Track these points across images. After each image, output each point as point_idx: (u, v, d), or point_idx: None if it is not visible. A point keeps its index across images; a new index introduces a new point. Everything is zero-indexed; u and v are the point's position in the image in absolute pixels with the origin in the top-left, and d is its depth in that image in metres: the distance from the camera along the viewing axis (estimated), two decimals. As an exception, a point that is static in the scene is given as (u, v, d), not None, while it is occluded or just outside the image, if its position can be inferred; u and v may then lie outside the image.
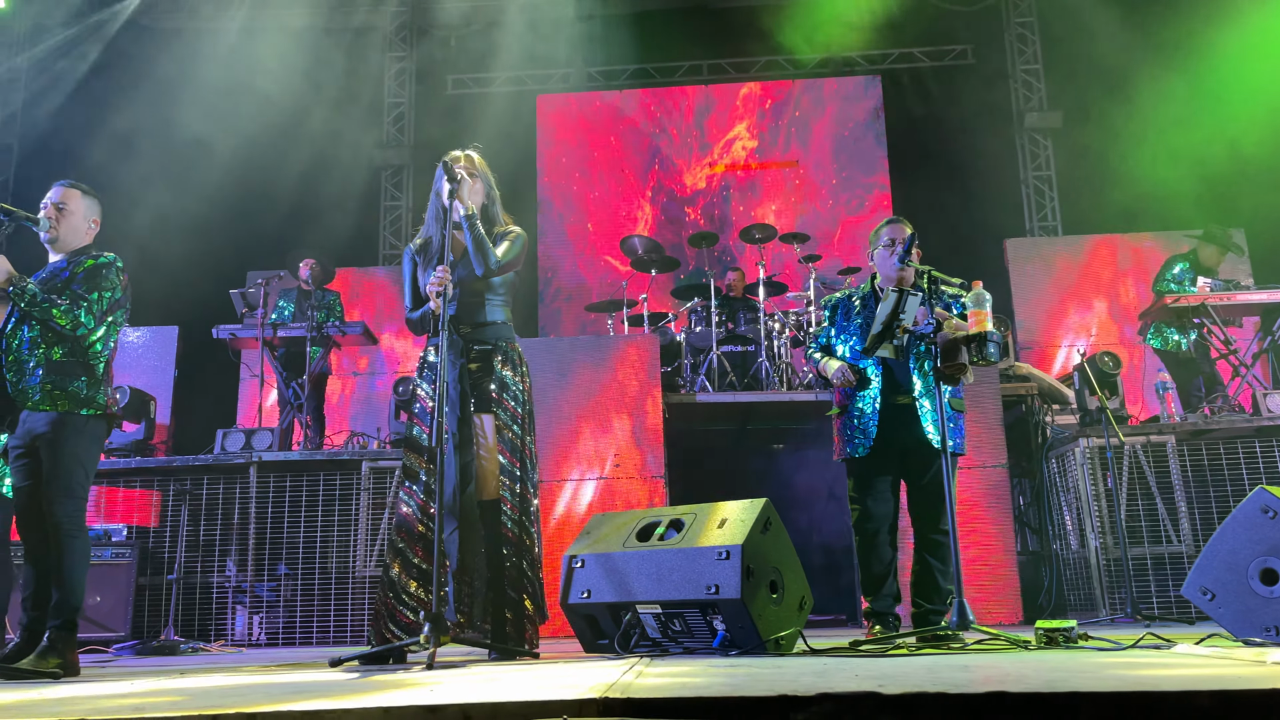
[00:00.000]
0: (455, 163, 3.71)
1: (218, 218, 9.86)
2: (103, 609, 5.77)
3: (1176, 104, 9.23)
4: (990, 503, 6.19)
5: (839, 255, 10.06)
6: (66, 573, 3.53)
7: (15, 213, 3.55)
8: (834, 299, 4.43)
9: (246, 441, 6.44)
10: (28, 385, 3.52)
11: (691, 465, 7.91)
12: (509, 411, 3.74)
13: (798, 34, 10.72)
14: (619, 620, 3.32)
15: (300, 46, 10.68)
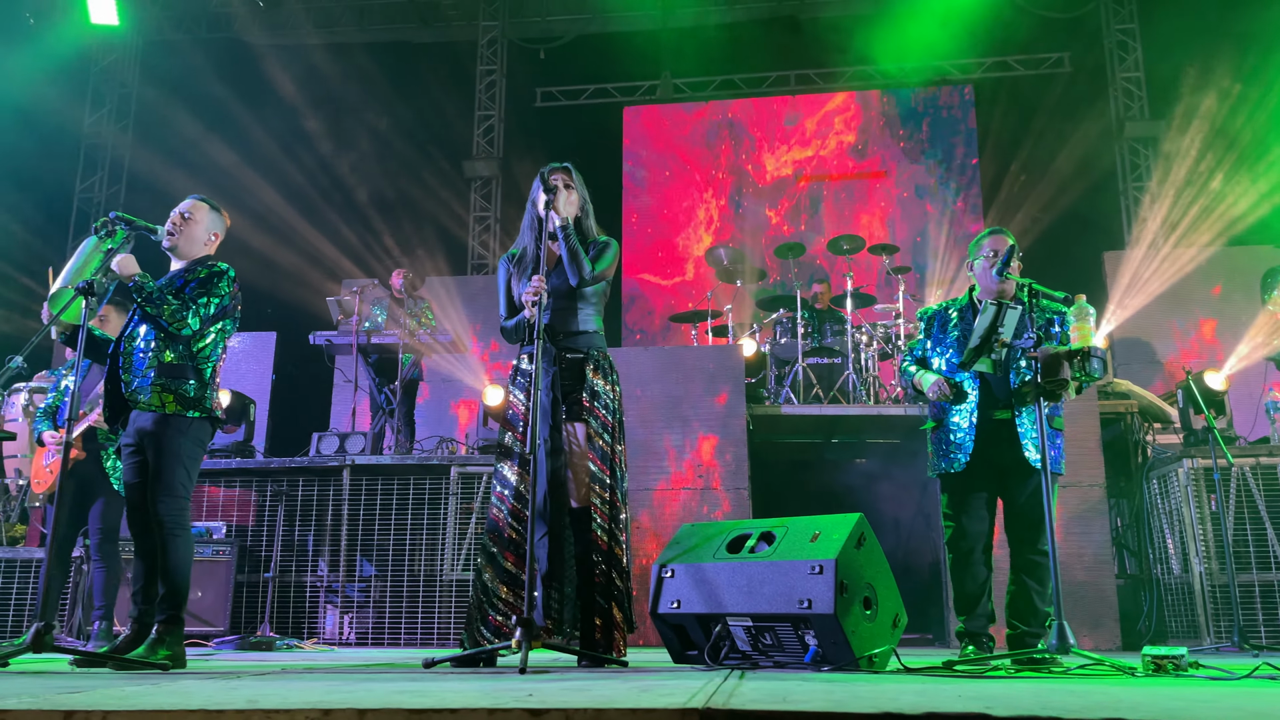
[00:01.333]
0: (552, 174, 3.76)
1: (313, 227, 10.18)
2: (204, 604, 5.97)
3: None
4: (1086, 523, 6.00)
5: (929, 267, 9.89)
6: (171, 569, 3.67)
7: (135, 221, 3.71)
8: (930, 310, 4.35)
9: (340, 445, 6.62)
10: (141, 386, 3.67)
11: (774, 477, 7.85)
12: (600, 419, 3.77)
13: (886, 43, 10.60)
14: (709, 631, 3.31)
15: (396, 60, 10.97)
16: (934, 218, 10.51)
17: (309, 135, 10.82)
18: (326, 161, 10.76)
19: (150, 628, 3.64)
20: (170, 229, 3.81)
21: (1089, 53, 10.70)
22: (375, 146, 10.74)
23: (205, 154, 10.81)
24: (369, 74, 11.03)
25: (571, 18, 11.46)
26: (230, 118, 10.99)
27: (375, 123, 10.72)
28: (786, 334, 7.77)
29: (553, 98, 11.60)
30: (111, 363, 3.74)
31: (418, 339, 7.37)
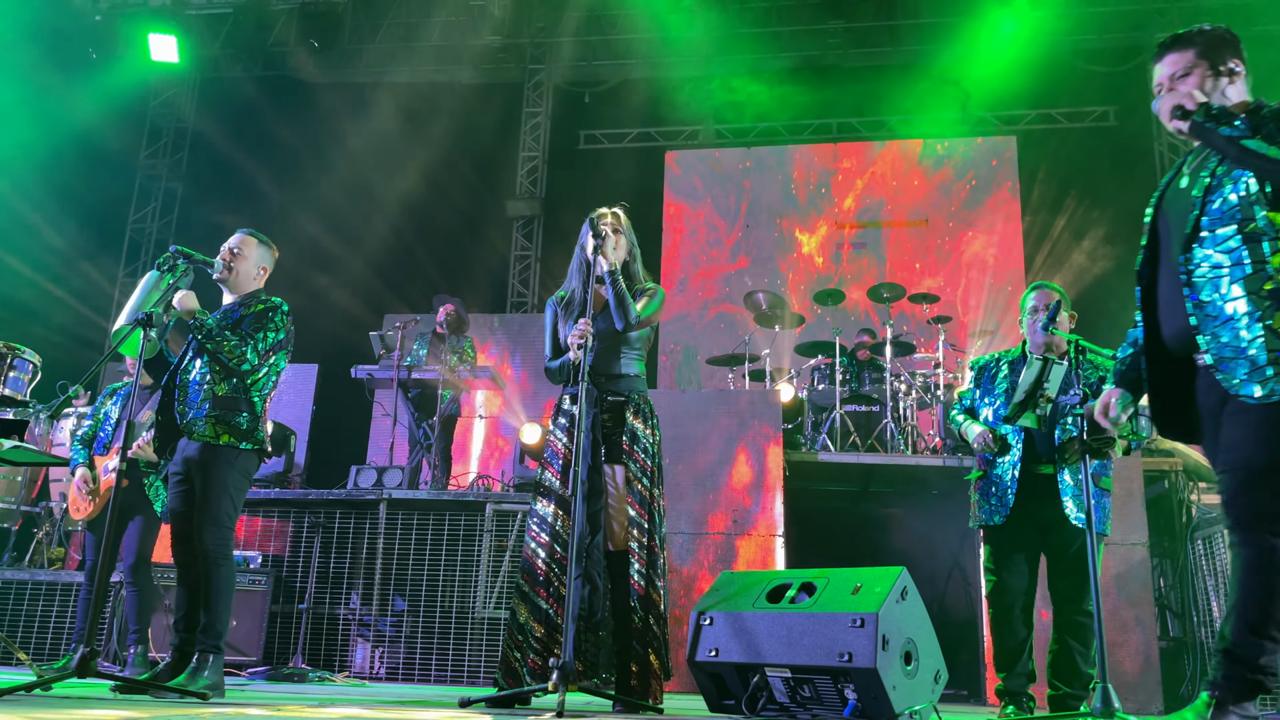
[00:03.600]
0: (601, 219, 3.81)
1: (358, 262, 10.35)
2: (238, 633, 6.01)
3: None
4: (1129, 583, 5.89)
5: (971, 317, 9.84)
6: (212, 598, 3.71)
7: (193, 255, 3.81)
8: (981, 361, 4.34)
9: (378, 478, 6.67)
10: (195, 417, 3.74)
11: (810, 524, 7.79)
12: (639, 463, 3.78)
13: (930, 93, 10.65)
14: (746, 682, 3.28)
15: (444, 100, 11.19)
16: (975, 268, 10.47)
17: (357, 171, 11.03)
18: (373, 197, 10.96)
19: (190, 656, 3.67)
20: (221, 264, 3.91)
21: (1135, 106, 10.66)
22: (421, 184, 10.92)
23: (256, 188, 11.05)
24: (418, 113, 11.25)
25: (617, 63, 11.64)
26: (281, 153, 11.25)
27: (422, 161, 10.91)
28: (824, 380, 7.75)
29: (595, 140, 11.75)
30: (165, 394, 3.82)
31: (457, 375, 7.44)
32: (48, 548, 6.94)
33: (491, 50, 11.60)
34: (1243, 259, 2.41)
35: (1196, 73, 2.59)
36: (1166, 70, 2.65)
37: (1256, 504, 2.31)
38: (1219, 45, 2.64)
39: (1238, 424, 2.38)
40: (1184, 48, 2.64)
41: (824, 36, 11.13)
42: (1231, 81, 2.61)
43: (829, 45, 11.14)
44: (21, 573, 6.36)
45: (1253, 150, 2.34)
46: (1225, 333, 2.41)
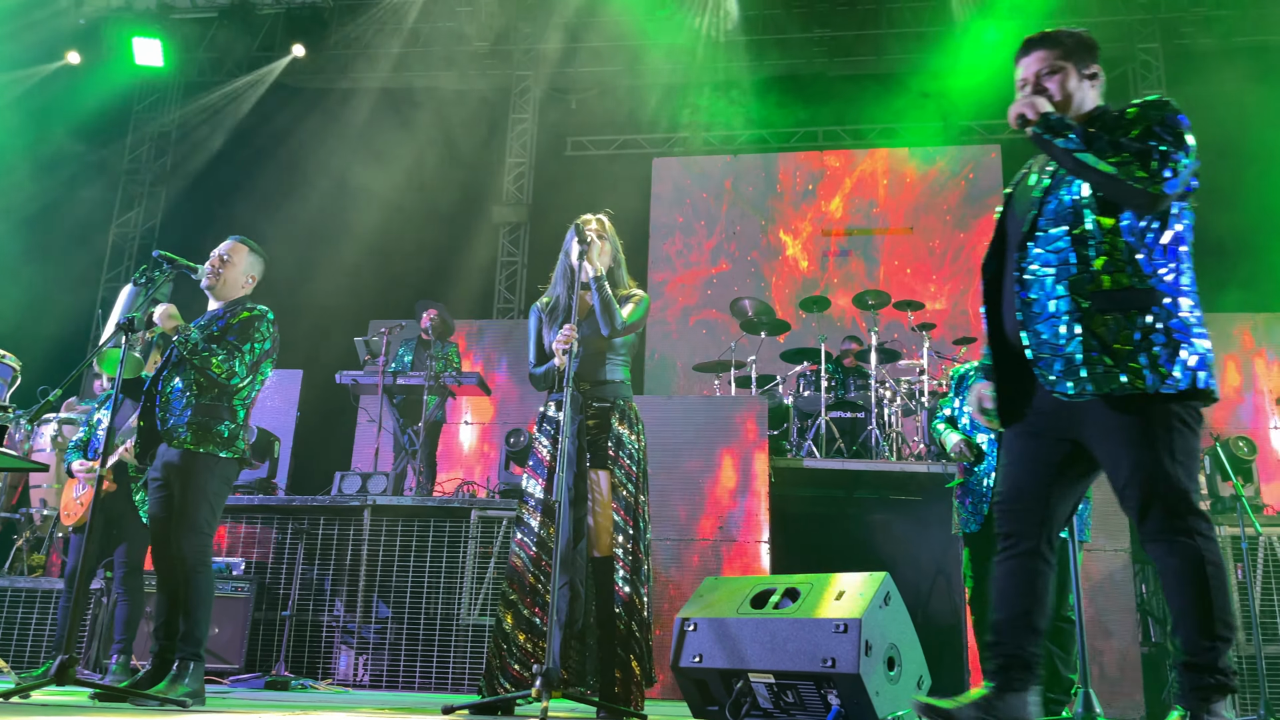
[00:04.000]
0: (586, 225, 3.81)
1: (343, 268, 10.32)
2: (220, 640, 5.97)
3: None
4: (1111, 589, 5.93)
5: (954, 323, 9.89)
6: (192, 605, 3.68)
7: (177, 261, 3.78)
8: (960, 370, 4.37)
9: (362, 485, 6.64)
10: (177, 424, 3.72)
11: (795, 531, 7.80)
12: (624, 469, 3.78)
13: (915, 102, 10.71)
14: (730, 687, 3.28)
15: (431, 106, 11.19)
16: (960, 276, 10.53)
17: (342, 176, 11.01)
18: (358, 202, 10.94)
19: (170, 664, 3.64)
20: (210, 270, 3.89)
21: (1116, 117, 10.75)
22: (407, 189, 10.90)
23: (240, 192, 11.01)
24: (404, 118, 11.24)
25: (604, 69, 11.66)
26: (266, 157, 11.21)
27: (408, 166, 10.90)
28: (810, 386, 7.77)
29: (582, 147, 11.76)
30: (147, 399, 3.80)
31: (442, 381, 7.42)
32: (27, 554, 6.88)
33: (478, 56, 11.60)
34: (1069, 260, 2.46)
35: (1063, 73, 2.66)
36: (1033, 67, 2.70)
37: (1167, 511, 2.33)
38: (1084, 48, 2.71)
39: (1110, 439, 2.41)
40: (1052, 46, 2.70)
41: (808, 45, 11.19)
42: (1093, 85, 2.69)
43: (813, 54, 11.20)
44: (0, 580, 6.31)
45: (1086, 163, 2.43)
46: (1046, 330, 2.46)
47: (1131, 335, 2.37)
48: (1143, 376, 2.34)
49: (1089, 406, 2.40)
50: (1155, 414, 2.34)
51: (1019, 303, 2.52)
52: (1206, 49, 10.61)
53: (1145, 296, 2.41)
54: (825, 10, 10.97)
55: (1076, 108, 2.65)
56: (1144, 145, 2.41)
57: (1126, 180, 2.39)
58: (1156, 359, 2.35)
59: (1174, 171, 2.40)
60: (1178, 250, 2.51)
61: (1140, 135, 2.46)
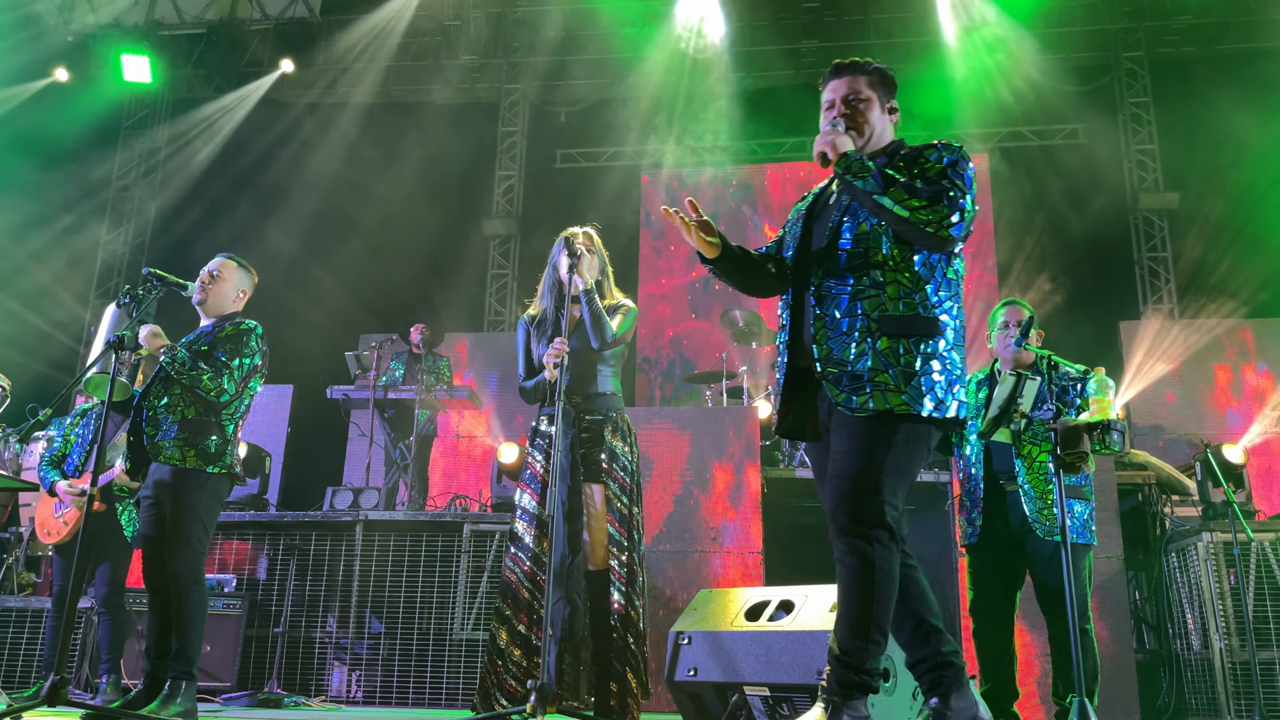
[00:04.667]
0: (575, 239, 3.82)
1: (333, 282, 10.30)
2: (212, 658, 5.93)
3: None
4: (1104, 596, 5.93)
5: (943, 333, 9.92)
6: (184, 623, 3.67)
7: (166, 278, 3.78)
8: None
9: (354, 500, 6.61)
10: (164, 440, 3.71)
11: (788, 541, 7.78)
12: (618, 482, 3.78)
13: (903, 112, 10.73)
14: (725, 701, 3.28)
15: (420, 120, 11.20)
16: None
17: (332, 191, 11.00)
18: (348, 217, 10.93)
19: (163, 683, 3.63)
20: (200, 286, 3.89)
21: (1103, 125, 10.83)
22: (397, 203, 10.90)
23: (229, 208, 11.00)
24: (394, 133, 11.25)
25: (593, 82, 11.69)
26: (255, 173, 11.20)
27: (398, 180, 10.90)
28: (801, 397, 7.76)
29: (572, 159, 11.78)
30: (135, 415, 3.79)
31: (434, 394, 7.41)
32: (17, 573, 6.83)
33: (468, 70, 11.62)
34: (864, 282, 2.56)
35: (868, 102, 2.77)
36: (840, 91, 2.79)
37: (854, 512, 2.45)
38: (888, 82, 2.83)
39: (840, 435, 2.54)
40: (859, 74, 2.79)
41: (796, 57, 11.24)
42: (891, 119, 2.82)
43: (801, 65, 11.25)
44: (-10, 599, 6.26)
45: (884, 205, 2.53)
46: (837, 347, 2.55)
47: (914, 360, 2.50)
48: (920, 400, 2.47)
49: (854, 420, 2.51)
50: (899, 430, 2.48)
51: (813, 317, 2.62)
52: (1191, 56, 10.70)
53: (929, 325, 2.54)
54: (812, 22, 11.01)
55: (877, 139, 2.76)
56: (937, 190, 2.52)
57: (921, 225, 2.49)
58: (935, 384, 2.49)
59: (962, 216, 2.53)
60: (956, 284, 2.65)
61: (935, 177, 2.56)
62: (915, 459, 2.52)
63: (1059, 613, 3.85)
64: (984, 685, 3.97)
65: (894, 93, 2.84)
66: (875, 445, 2.46)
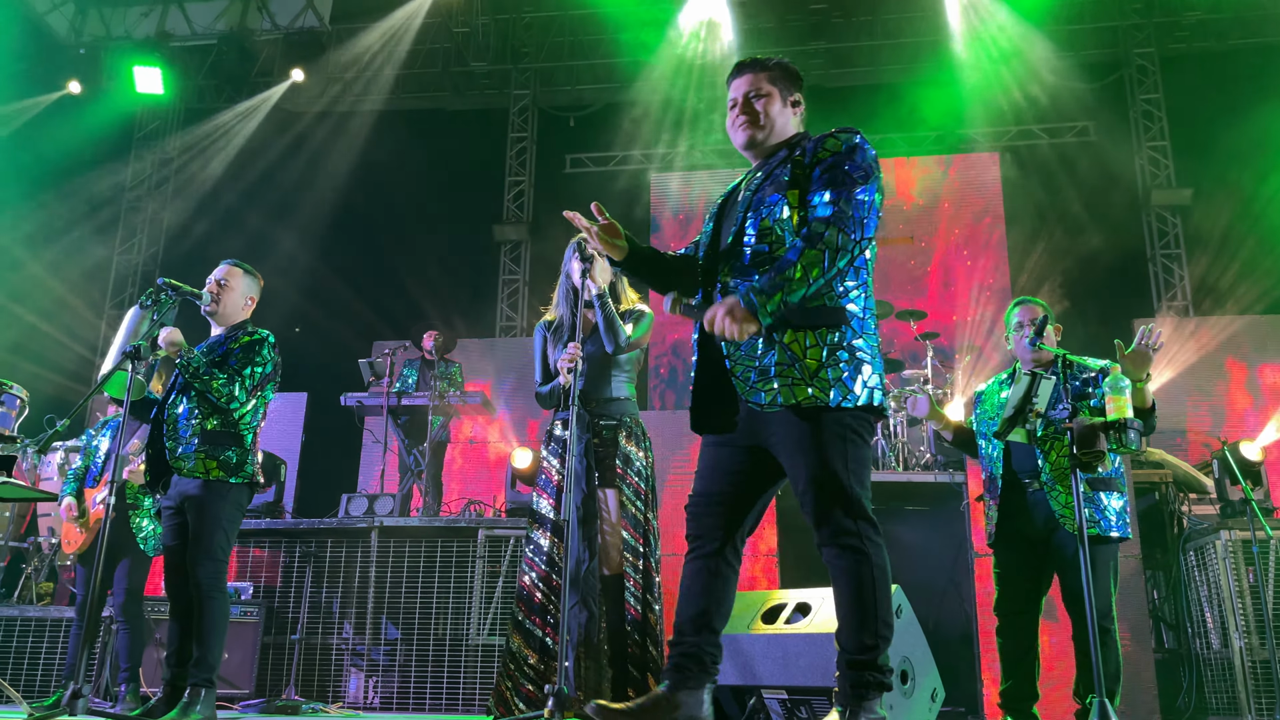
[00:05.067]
0: (586, 243, 3.83)
1: (345, 290, 10.34)
2: (230, 665, 5.95)
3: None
4: (1122, 595, 5.89)
5: (958, 332, 9.89)
6: (205, 631, 3.69)
7: (181, 288, 3.81)
8: (980, 390, 4.39)
9: (369, 506, 6.63)
10: (184, 453, 3.73)
11: (804, 544, 7.74)
12: (632, 486, 3.78)
13: (911, 111, 10.74)
14: (743, 704, 3.27)
15: (430, 127, 11.24)
16: (961, 284, 10.54)
17: (343, 198, 11.05)
18: (360, 224, 10.97)
19: (182, 690, 3.65)
20: (210, 297, 3.91)
21: (1114, 121, 10.79)
22: (408, 210, 10.94)
23: (242, 217, 11.05)
24: (403, 140, 11.29)
25: (601, 86, 11.71)
26: (266, 182, 11.26)
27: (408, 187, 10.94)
28: (814, 399, 7.75)
29: (581, 164, 11.79)
30: (154, 428, 3.81)
31: (447, 401, 7.43)
32: (36, 583, 6.88)
33: (476, 76, 11.66)
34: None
35: (768, 98, 2.78)
36: (742, 89, 2.81)
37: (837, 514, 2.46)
38: (789, 76, 2.83)
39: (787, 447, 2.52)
40: (760, 71, 2.80)
41: (805, 58, 11.21)
42: (795, 112, 2.82)
43: (811, 66, 11.23)
44: (10, 609, 6.30)
45: (809, 286, 2.47)
46: (744, 343, 2.55)
47: (820, 351, 2.50)
48: (827, 391, 2.46)
49: (777, 416, 2.51)
50: (833, 425, 2.47)
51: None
52: (1202, 52, 10.65)
53: (835, 315, 2.55)
54: (820, 22, 11.01)
55: (779, 132, 2.77)
56: (836, 206, 2.50)
57: (837, 265, 2.49)
58: (841, 375, 2.49)
59: (868, 213, 2.55)
60: (864, 275, 2.69)
61: (829, 182, 2.55)
62: (867, 447, 2.53)
63: (1083, 612, 3.83)
64: (1004, 684, 3.95)
65: (797, 86, 2.84)
66: (829, 445, 2.46)
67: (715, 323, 2.42)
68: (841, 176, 2.55)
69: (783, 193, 2.60)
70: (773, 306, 2.42)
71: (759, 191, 2.67)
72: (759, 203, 2.64)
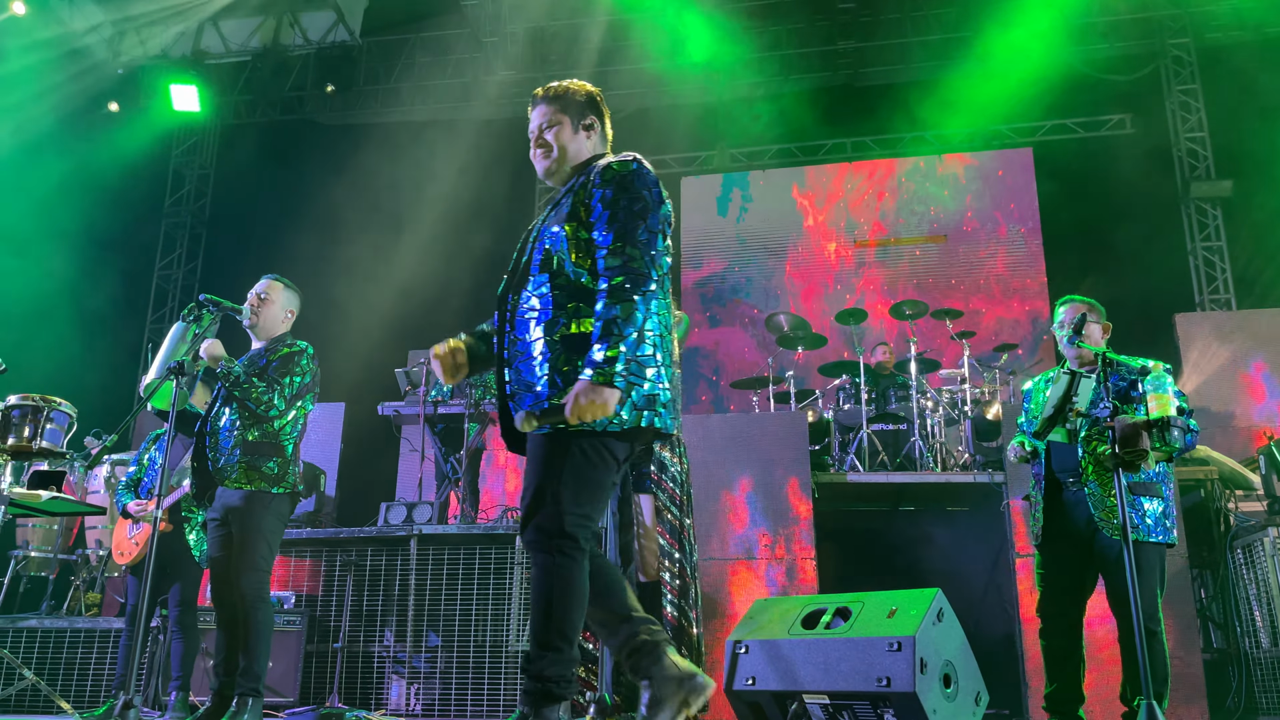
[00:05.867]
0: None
1: (381, 300, 10.44)
2: (274, 674, 6.02)
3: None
4: (1169, 595, 5.80)
5: (994, 331, 9.79)
6: (250, 641, 3.74)
7: (222, 303, 3.88)
8: (1028, 385, 4.37)
9: (408, 514, 6.69)
10: (227, 464, 3.79)
11: (841, 547, 7.72)
12: (668, 493, 3.79)
13: (943, 108, 10.66)
14: (785, 709, 3.26)
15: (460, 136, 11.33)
16: (996, 281, 10.44)
17: (377, 210, 11.16)
18: (394, 235, 11.08)
19: (230, 700, 3.70)
20: (250, 310, 3.97)
21: (1151, 114, 10.63)
22: (442, 220, 11.02)
23: (279, 231, 11.20)
24: (435, 150, 11.38)
25: (627, 92, 11.73)
26: (303, 196, 11.40)
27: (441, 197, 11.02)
28: (850, 400, 7.71)
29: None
30: (198, 441, 3.88)
31: (482, 408, 7.48)
32: (84, 594, 7.01)
33: (506, 85, 11.73)
34: (548, 305, 2.63)
35: (559, 126, 2.83)
36: (537, 120, 2.88)
37: (537, 523, 2.51)
38: (580, 102, 2.89)
39: (530, 453, 2.62)
40: (550, 101, 2.88)
41: (834, 57, 11.18)
42: (588, 136, 2.88)
43: (839, 66, 11.19)
44: (60, 620, 6.43)
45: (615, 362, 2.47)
46: (524, 369, 2.63)
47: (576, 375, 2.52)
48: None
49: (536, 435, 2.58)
50: (562, 444, 2.52)
51: (507, 341, 2.70)
52: (1239, 41, 10.46)
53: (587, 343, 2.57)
54: (848, 22, 10.95)
55: (573, 157, 2.83)
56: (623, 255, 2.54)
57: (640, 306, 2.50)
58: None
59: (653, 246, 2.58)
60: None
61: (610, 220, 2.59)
62: (600, 469, 2.56)
63: (1128, 614, 3.77)
64: (1049, 686, 3.91)
65: (588, 110, 2.89)
66: (553, 459, 2.52)
67: (578, 412, 2.44)
68: (622, 215, 2.60)
69: (562, 224, 2.66)
70: (620, 366, 2.45)
71: (546, 221, 2.75)
72: (544, 233, 2.72)
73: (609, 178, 2.67)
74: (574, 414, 2.42)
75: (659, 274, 2.59)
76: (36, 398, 3.92)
